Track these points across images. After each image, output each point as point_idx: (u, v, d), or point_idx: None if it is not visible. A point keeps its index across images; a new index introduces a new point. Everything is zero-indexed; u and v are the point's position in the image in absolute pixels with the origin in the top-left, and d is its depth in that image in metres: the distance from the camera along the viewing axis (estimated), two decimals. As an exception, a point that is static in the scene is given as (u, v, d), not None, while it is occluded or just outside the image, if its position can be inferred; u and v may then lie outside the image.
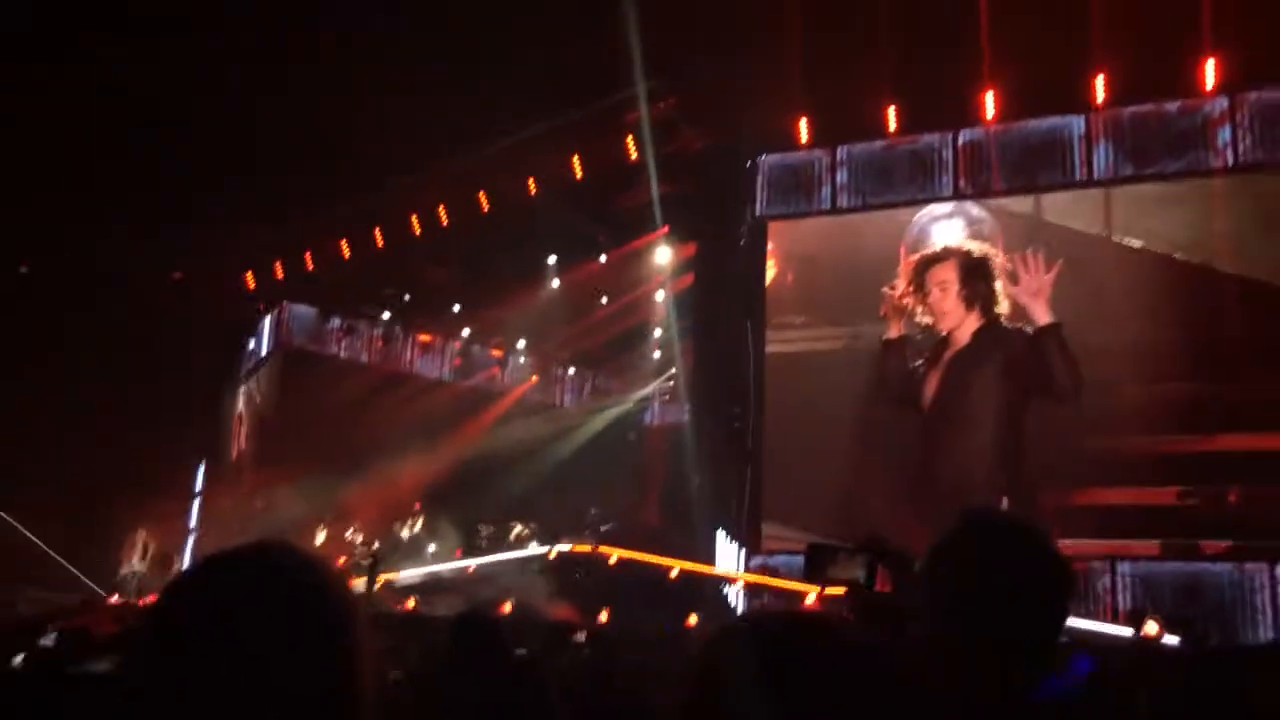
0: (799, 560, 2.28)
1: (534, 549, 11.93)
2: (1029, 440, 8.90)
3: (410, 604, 10.77)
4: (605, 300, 13.93)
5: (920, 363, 9.14)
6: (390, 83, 10.13)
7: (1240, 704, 2.71)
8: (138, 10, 9.56)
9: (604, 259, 13.57)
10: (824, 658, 1.11)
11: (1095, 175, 9.81)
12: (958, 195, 10.34)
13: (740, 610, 10.01)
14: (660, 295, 13.41)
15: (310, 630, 1.09)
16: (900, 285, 9.06)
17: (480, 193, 12.67)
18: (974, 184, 10.28)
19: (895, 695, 1.12)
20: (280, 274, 14.24)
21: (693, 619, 8.72)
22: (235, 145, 10.65)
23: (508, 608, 9.00)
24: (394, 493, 13.38)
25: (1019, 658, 1.62)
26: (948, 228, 10.18)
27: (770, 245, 11.20)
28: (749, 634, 1.17)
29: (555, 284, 14.15)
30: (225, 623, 1.07)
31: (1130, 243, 9.58)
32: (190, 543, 14.20)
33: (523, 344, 15.82)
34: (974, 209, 10.22)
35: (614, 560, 10.66)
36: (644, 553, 10.51)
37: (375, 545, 12.34)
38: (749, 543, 10.42)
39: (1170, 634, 7.70)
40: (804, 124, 10.76)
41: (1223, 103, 9.37)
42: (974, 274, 8.86)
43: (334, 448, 13.12)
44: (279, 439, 14.14)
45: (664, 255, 12.89)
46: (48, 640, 5.14)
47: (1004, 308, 8.82)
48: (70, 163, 10.47)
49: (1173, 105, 9.56)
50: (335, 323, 15.60)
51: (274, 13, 9.45)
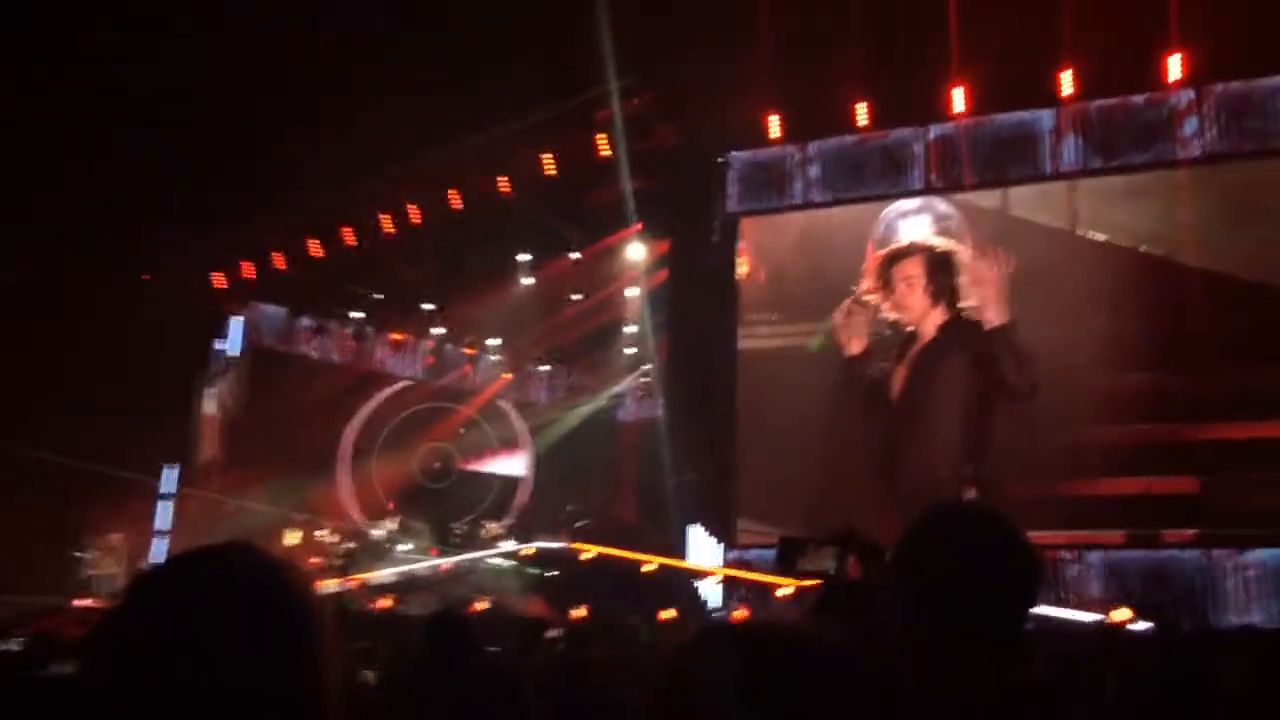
0: (772, 553, 2.30)
1: (509, 546, 11.91)
2: (996, 432, 8.97)
3: (385, 603, 10.72)
4: (579, 297, 13.88)
5: (887, 363, 9.22)
6: (360, 82, 10.07)
7: (1208, 688, 2.74)
8: (137, 10, 9.47)
9: (577, 256, 13.55)
10: (797, 661, 1.12)
11: (1064, 168, 9.91)
12: (929, 190, 10.40)
13: (715, 604, 10.05)
14: (633, 291, 13.39)
15: (270, 631, 1.09)
16: (866, 282, 9.12)
17: (452, 190, 12.61)
18: (945, 178, 10.34)
19: (867, 696, 1.13)
20: (250, 274, 14.11)
21: (668, 613, 8.73)
22: (200, 146, 10.55)
23: (482, 605, 8.99)
24: (368, 492, 13.31)
25: (986, 646, 1.62)
26: (915, 224, 10.24)
27: (741, 243, 11.23)
28: (724, 638, 1.17)
29: (528, 281, 14.11)
30: (184, 623, 1.06)
31: (1096, 236, 9.67)
32: (161, 544, 14.05)
33: (496, 341, 15.75)
34: (941, 205, 10.29)
35: (589, 556, 10.66)
36: (619, 548, 10.52)
37: (350, 545, 12.31)
38: (724, 536, 10.46)
39: (1141, 620, 7.79)
40: (775, 120, 10.77)
41: (1189, 95, 9.48)
42: (939, 269, 8.95)
43: (305, 448, 13.01)
44: (249, 440, 14.02)
45: (637, 252, 12.87)
46: (14, 644, 5.08)
47: (969, 302, 8.89)
48: (39, 163, 10.33)
49: (1139, 98, 9.67)
50: (305, 322, 15.47)
51: (273, 13, 9.39)
